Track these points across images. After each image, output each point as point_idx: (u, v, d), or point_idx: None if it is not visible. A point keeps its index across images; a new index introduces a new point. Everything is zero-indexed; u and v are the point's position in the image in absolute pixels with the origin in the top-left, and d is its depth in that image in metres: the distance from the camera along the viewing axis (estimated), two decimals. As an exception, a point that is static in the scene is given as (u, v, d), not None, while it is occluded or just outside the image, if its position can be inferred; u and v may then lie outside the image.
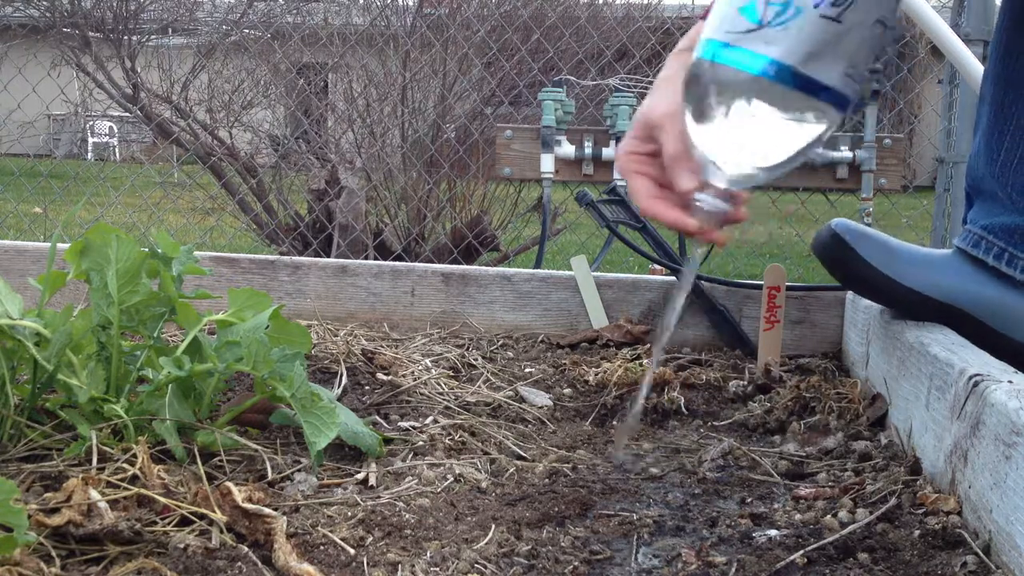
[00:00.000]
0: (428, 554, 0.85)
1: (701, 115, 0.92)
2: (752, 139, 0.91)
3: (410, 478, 1.06)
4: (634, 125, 1.07)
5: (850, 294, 1.72)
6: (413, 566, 0.83)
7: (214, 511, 0.86)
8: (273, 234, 4.23)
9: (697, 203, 0.97)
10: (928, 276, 1.35)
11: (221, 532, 0.85)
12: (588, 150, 3.31)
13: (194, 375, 1.08)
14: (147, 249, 1.16)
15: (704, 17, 1.02)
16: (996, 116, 1.32)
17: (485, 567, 0.84)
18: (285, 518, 0.87)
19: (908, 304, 1.35)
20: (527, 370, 1.60)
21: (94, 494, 0.84)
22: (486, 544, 0.89)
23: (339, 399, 1.31)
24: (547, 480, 1.09)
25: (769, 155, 0.92)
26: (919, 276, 1.34)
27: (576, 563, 0.86)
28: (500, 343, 1.77)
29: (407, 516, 0.94)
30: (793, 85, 0.87)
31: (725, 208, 0.97)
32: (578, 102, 3.86)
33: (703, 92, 0.91)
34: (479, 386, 1.46)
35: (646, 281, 1.86)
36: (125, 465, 0.95)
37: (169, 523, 0.87)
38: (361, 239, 3.93)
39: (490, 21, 4.42)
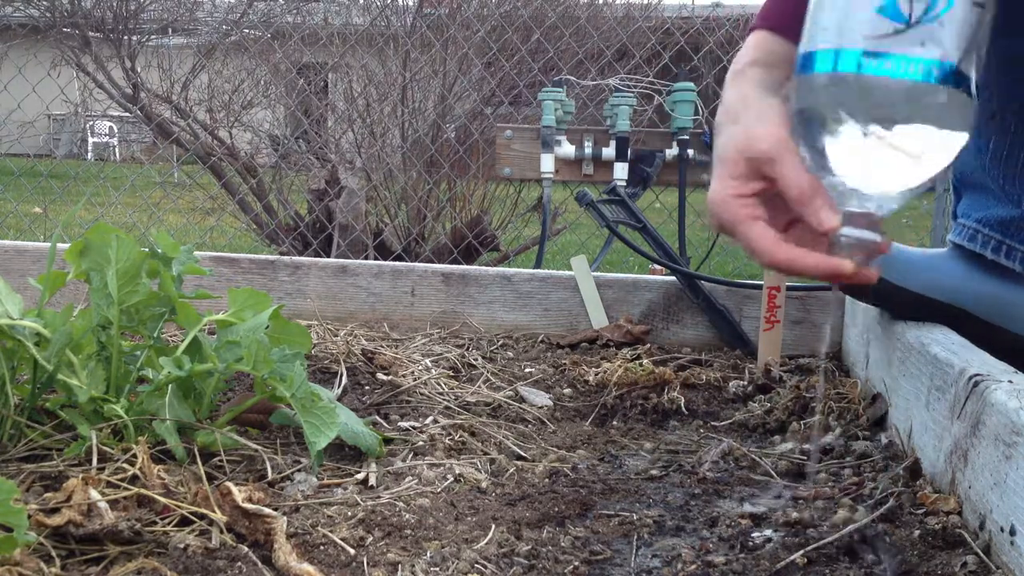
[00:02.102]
0: (428, 554, 0.85)
1: (835, 137, 0.81)
2: (907, 153, 0.81)
3: (410, 478, 1.06)
4: (726, 163, 0.93)
5: (850, 294, 1.72)
6: (413, 566, 0.83)
7: (214, 511, 0.86)
8: (273, 234, 4.23)
9: (843, 240, 0.84)
10: (927, 277, 1.35)
11: (221, 532, 0.85)
12: (588, 150, 3.31)
13: (194, 375, 1.08)
14: (147, 249, 1.16)
15: (767, 26, 0.94)
16: (980, 109, 1.32)
17: (485, 567, 0.84)
18: (285, 518, 0.87)
19: (909, 307, 1.35)
20: (527, 370, 1.60)
21: (94, 494, 0.84)
22: (486, 544, 0.89)
23: (339, 399, 1.31)
24: (547, 480, 1.09)
25: (926, 168, 0.82)
26: (918, 278, 1.34)
27: (576, 563, 0.86)
28: (500, 343, 1.77)
29: (407, 516, 0.94)
30: (956, 86, 0.78)
31: (874, 238, 0.84)
32: (578, 102, 3.86)
33: (842, 108, 0.80)
34: (479, 386, 1.46)
35: (646, 281, 1.86)
36: (125, 465, 0.95)
37: (169, 523, 0.87)
38: (361, 239, 3.93)
39: (490, 21, 4.42)
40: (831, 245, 0.85)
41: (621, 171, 3.23)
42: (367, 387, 1.42)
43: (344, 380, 1.42)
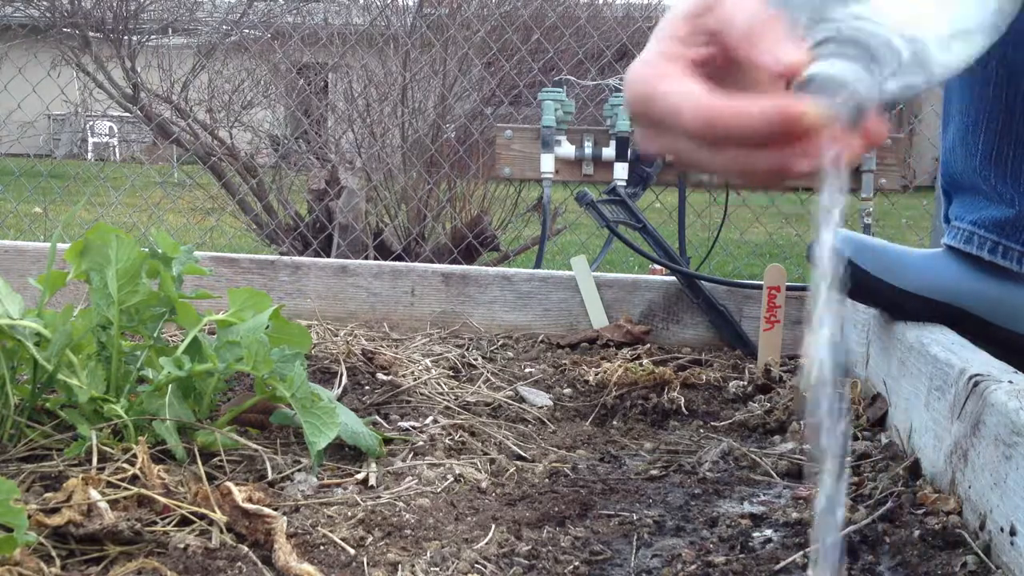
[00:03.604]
0: (428, 554, 0.85)
1: None
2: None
3: (410, 478, 1.06)
4: (666, 23, 0.66)
5: (850, 294, 1.72)
6: (413, 566, 0.83)
7: (214, 511, 0.86)
8: (273, 234, 4.23)
9: (815, 83, 0.58)
10: (926, 278, 1.35)
11: (221, 532, 0.85)
12: (588, 150, 3.31)
13: (194, 375, 1.08)
14: (147, 249, 1.16)
15: None
16: (967, 111, 1.32)
17: (485, 567, 0.84)
18: (285, 518, 0.87)
19: (908, 308, 1.35)
20: (527, 370, 1.60)
21: (94, 494, 0.84)
22: (486, 544, 0.89)
23: (339, 399, 1.31)
24: (547, 480, 1.09)
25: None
26: (917, 279, 1.34)
27: (576, 563, 0.86)
28: (500, 343, 1.77)
29: (407, 516, 0.94)
30: None
31: (867, 91, 0.57)
32: (578, 102, 3.86)
33: None
34: (479, 386, 1.46)
35: (646, 281, 1.86)
36: (125, 465, 0.95)
37: (169, 523, 0.87)
38: (361, 239, 3.93)
39: (490, 21, 4.42)
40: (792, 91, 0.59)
41: (621, 171, 3.23)
42: (367, 387, 1.42)
43: (344, 380, 1.42)
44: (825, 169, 0.57)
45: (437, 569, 0.83)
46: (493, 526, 0.93)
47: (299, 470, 1.05)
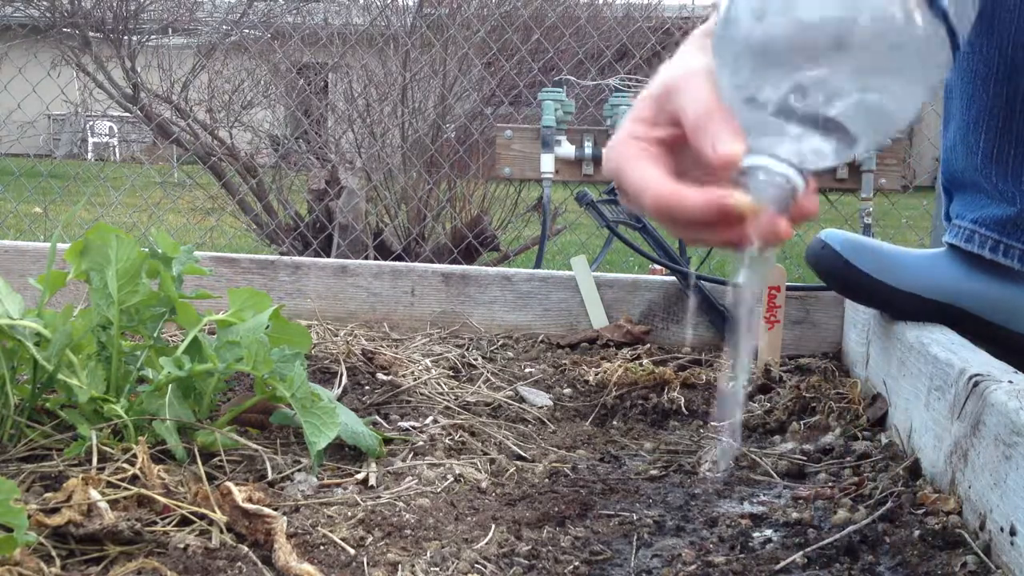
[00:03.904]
0: (428, 554, 0.85)
1: (764, 64, 0.65)
2: (857, 86, 0.64)
3: (410, 478, 1.06)
4: (635, 107, 0.76)
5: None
6: (413, 566, 0.83)
7: (214, 511, 0.86)
8: (273, 234, 4.23)
9: (751, 175, 0.64)
10: (925, 278, 1.35)
11: (221, 532, 0.85)
12: (588, 150, 3.31)
13: (194, 375, 1.08)
14: (147, 249, 1.16)
15: None
16: (968, 109, 1.32)
17: (485, 567, 0.84)
18: (285, 518, 0.87)
19: (908, 308, 1.35)
20: (527, 370, 1.60)
21: (94, 494, 0.84)
22: (486, 544, 0.89)
23: (339, 399, 1.31)
24: (547, 480, 1.09)
25: (895, 114, 0.65)
26: (916, 279, 1.34)
27: (576, 563, 0.86)
28: (500, 343, 1.77)
29: (407, 516, 0.94)
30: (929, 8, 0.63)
31: (796, 182, 0.64)
32: (578, 102, 3.86)
33: (779, 31, 0.64)
34: (479, 386, 1.46)
35: (646, 281, 1.86)
36: (125, 465, 0.95)
37: (169, 523, 0.87)
38: (361, 239, 3.93)
39: (490, 21, 4.42)
40: (735, 183, 0.65)
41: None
42: (367, 387, 1.42)
43: (344, 380, 1.42)
44: (752, 251, 0.65)
45: (437, 569, 0.83)
46: (493, 526, 0.93)
47: (299, 470, 1.05)
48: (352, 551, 0.85)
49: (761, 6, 0.66)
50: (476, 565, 0.84)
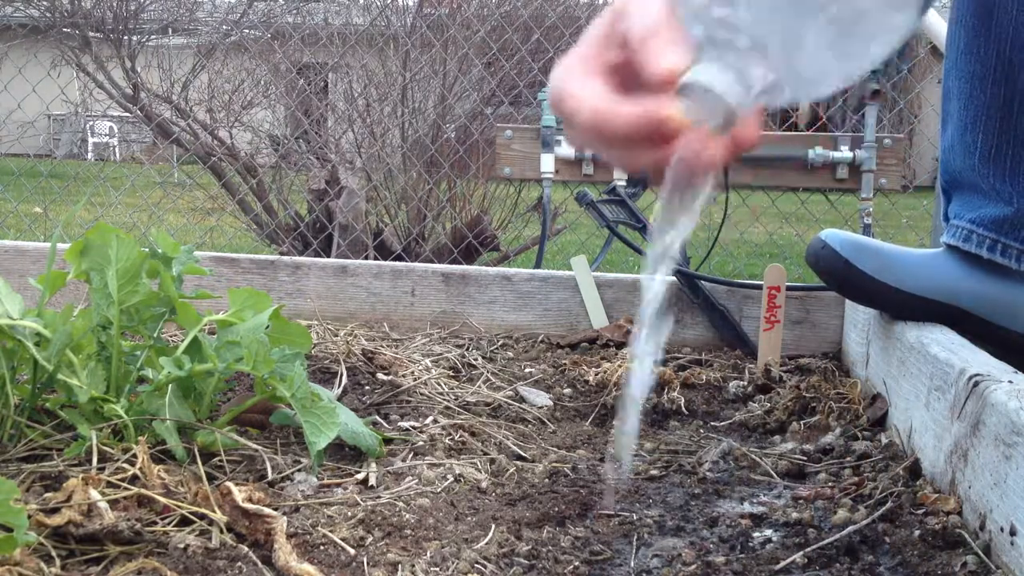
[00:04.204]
0: (428, 554, 0.85)
1: None
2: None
3: (410, 478, 1.06)
4: (588, 30, 0.72)
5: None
6: (413, 566, 0.83)
7: (214, 511, 0.86)
8: (273, 234, 4.23)
9: (688, 90, 0.61)
10: (924, 278, 1.35)
11: (221, 532, 0.85)
12: (588, 150, 3.31)
13: (194, 375, 1.08)
14: (147, 249, 1.16)
15: None
16: (966, 109, 1.32)
17: (485, 567, 0.84)
18: (285, 518, 0.87)
19: (907, 308, 1.35)
20: (527, 370, 1.60)
21: (94, 494, 0.84)
22: (486, 544, 0.89)
23: (339, 399, 1.31)
24: (547, 480, 1.09)
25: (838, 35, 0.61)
26: (916, 280, 1.35)
27: (576, 563, 0.86)
28: (500, 343, 1.77)
29: (407, 516, 0.94)
30: None
31: (732, 100, 0.61)
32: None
33: None
34: (479, 386, 1.46)
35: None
36: (125, 465, 0.95)
37: (169, 523, 0.87)
38: (361, 239, 3.93)
39: (490, 21, 4.42)
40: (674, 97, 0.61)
41: (621, 171, 3.23)
42: (367, 387, 1.42)
43: (344, 380, 1.42)
44: (675, 170, 0.62)
45: (437, 569, 0.83)
46: (493, 526, 0.93)
47: (299, 470, 1.05)
48: (352, 551, 0.85)
49: None
50: (476, 565, 0.84)
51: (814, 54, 0.62)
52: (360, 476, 1.05)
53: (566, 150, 3.30)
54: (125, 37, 4.95)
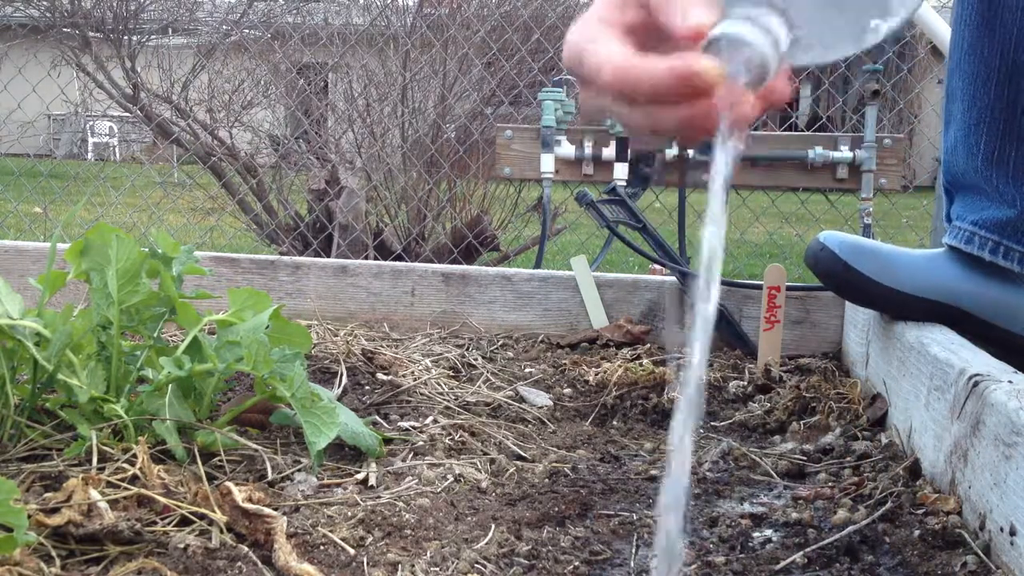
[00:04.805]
0: (428, 554, 0.85)
1: None
2: None
3: (410, 478, 1.06)
4: None
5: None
6: (413, 566, 0.83)
7: (214, 511, 0.86)
8: (273, 234, 4.23)
9: (721, 43, 0.60)
10: (925, 279, 1.35)
11: (221, 532, 0.85)
12: (588, 150, 3.31)
13: (194, 375, 1.08)
14: (147, 249, 1.16)
15: None
16: (969, 110, 1.32)
17: (485, 567, 0.84)
18: (285, 518, 0.87)
19: (907, 309, 1.35)
20: (527, 370, 1.60)
21: (94, 494, 0.84)
22: (486, 544, 0.89)
23: (339, 399, 1.31)
24: (547, 480, 1.09)
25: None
26: (916, 280, 1.34)
27: (576, 563, 0.86)
28: (500, 343, 1.77)
29: (407, 516, 0.94)
30: None
31: (767, 54, 0.59)
32: (578, 102, 3.85)
33: None
34: (479, 386, 1.46)
35: (646, 281, 1.86)
36: (125, 465, 0.95)
37: (169, 523, 0.87)
38: (361, 239, 3.93)
39: (490, 21, 4.42)
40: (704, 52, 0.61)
41: (621, 171, 3.23)
42: (367, 387, 1.42)
43: (344, 380, 1.42)
44: (720, 128, 0.59)
45: (437, 569, 0.83)
46: (493, 526, 0.93)
47: (299, 470, 1.05)
48: (352, 551, 0.85)
49: None
50: (476, 565, 0.84)
51: (832, 17, 0.63)
52: (360, 476, 1.05)
53: (566, 150, 3.31)
54: (125, 37, 4.95)
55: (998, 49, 1.26)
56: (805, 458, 1.19)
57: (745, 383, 1.53)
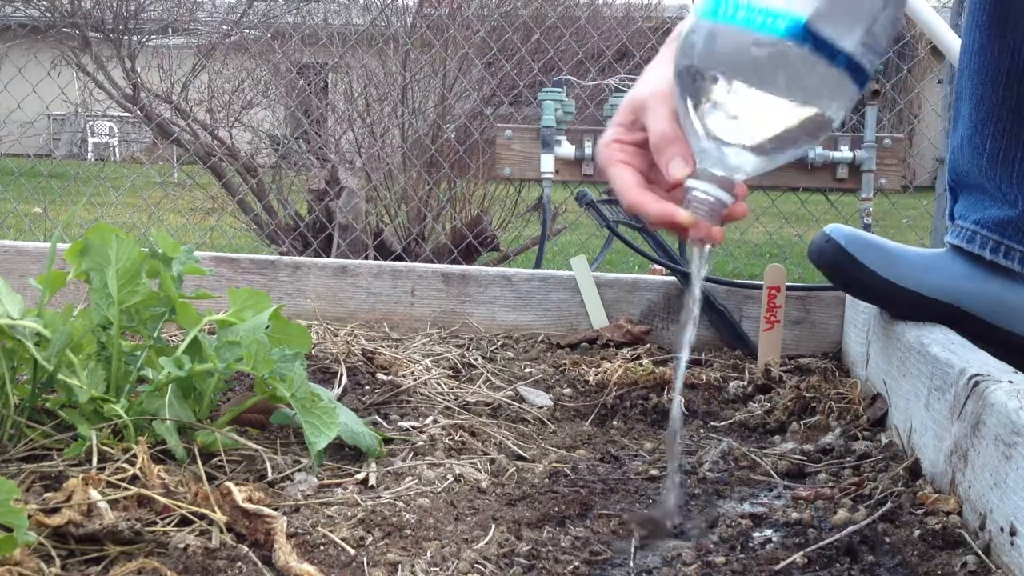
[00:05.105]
0: (428, 554, 0.85)
1: (697, 90, 0.82)
2: (759, 113, 0.81)
3: (410, 478, 1.06)
4: (619, 112, 0.97)
5: (850, 294, 1.72)
6: (413, 566, 0.83)
7: (214, 511, 0.86)
8: (273, 234, 4.23)
9: (692, 193, 0.86)
10: (928, 277, 1.35)
11: (221, 532, 0.85)
12: (588, 150, 3.31)
13: (194, 375, 1.08)
14: (147, 249, 1.16)
15: None
16: (976, 110, 1.32)
17: (485, 567, 0.84)
18: (285, 518, 0.87)
19: (910, 307, 1.35)
20: (527, 370, 1.60)
21: (94, 494, 0.84)
22: (486, 544, 0.89)
23: (339, 399, 1.31)
24: (547, 480, 1.09)
25: (778, 132, 0.82)
26: (919, 278, 1.34)
27: (576, 563, 0.86)
28: (500, 343, 1.77)
29: (407, 516, 0.94)
30: (808, 45, 0.77)
31: (724, 199, 0.85)
32: (578, 102, 3.86)
33: (700, 61, 0.81)
34: (479, 386, 1.46)
35: (646, 281, 1.86)
36: (125, 465, 0.95)
37: (169, 523, 0.87)
38: (361, 239, 3.93)
39: (490, 21, 4.42)
40: (682, 199, 0.87)
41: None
42: (367, 387, 1.42)
43: (344, 380, 1.42)
44: (694, 249, 0.89)
45: (437, 569, 0.83)
46: (493, 526, 0.93)
47: (299, 470, 1.05)
48: (352, 551, 0.85)
49: (689, 40, 0.83)
50: (476, 565, 0.84)
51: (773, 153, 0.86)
52: (360, 476, 1.05)
53: (566, 150, 3.31)
54: (125, 37, 4.95)
55: (1008, 49, 1.26)
56: (805, 458, 1.19)
57: (745, 383, 1.53)
